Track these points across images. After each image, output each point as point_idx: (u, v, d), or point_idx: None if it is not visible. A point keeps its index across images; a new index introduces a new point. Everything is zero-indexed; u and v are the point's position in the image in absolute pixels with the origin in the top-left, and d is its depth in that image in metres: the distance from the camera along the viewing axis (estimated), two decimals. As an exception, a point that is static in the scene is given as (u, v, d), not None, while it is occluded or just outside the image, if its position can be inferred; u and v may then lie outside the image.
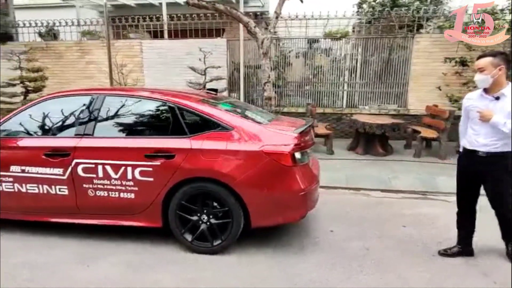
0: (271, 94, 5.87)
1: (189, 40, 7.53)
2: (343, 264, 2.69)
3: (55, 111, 3.08)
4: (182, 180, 2.72)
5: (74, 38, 8.45)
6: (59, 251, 2.82)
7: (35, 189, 2.93)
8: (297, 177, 2.73)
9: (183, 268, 2.61)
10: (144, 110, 2.96)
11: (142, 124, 2.97)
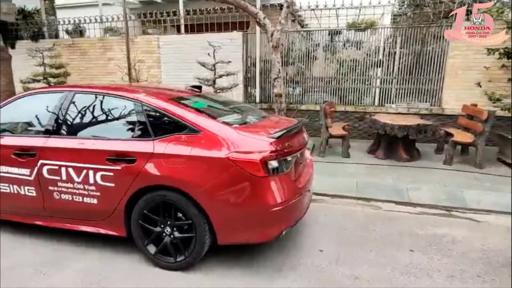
0: (281, 90, 5.44)
1: (205, 35, 7.31)
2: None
3: (29, 109, 3.00)
4: (143, 188, 2.46)
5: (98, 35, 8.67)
6: (20, 253, 2.73)
7: (7, 189, 2.87)
8: (271, 189, 2.34)
9: (140, 283, 2.37)
10: (110, 109, 2.73)
11: (106, 124, 2.75)
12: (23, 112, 3.02)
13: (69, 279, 2.40)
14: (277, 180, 2.39)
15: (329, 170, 4.91)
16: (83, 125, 2.76)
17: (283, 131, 2.45)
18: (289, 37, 7.08)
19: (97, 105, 2.76)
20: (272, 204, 2.33)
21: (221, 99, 3.55)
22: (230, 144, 2.36)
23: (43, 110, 2.88)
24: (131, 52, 7.61)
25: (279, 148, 2.39)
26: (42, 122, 2.84)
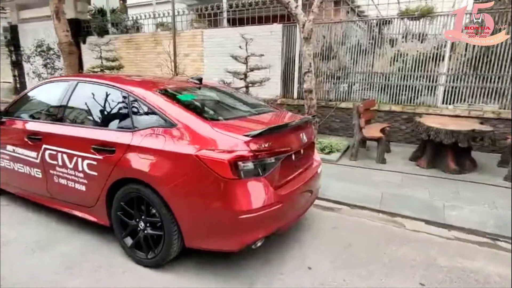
0: (312, 86, 5.03)
1: (245, 28, 7.17)
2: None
3: (44, 96, 3.22)
4: (120, 179, 2.43)
5: (152, 30, 9.19)
6: (22, 228, 2.95)
7: (21, 169, 3.13)
8: (241, 194, 2.10)
9: (107, 273, 2.35)
10: (102, 98, 2.76)
11: (97, 112, 2.79)
12: (40, 98, 3.25)
13: (50, 260, 2.49)
14: (249, 184, 2.13)
15: (356, 176, 4.38)
16: (77, 113, 2.86)
17: (261, 130, 2.17)
18: (332, 28, 6.52)
19: (92, 94, 2.82)
20: (241, 211, 2.08)
21: (226, 92, 3.36)
22: (203, 140, 2.18)
23: (52, 98, 3.06)
24: (178, 46, 7.90)
25: (255, 148, 2.13)
26: (48, 109, 3.02)
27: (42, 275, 2.32)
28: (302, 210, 2.70)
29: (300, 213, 2.66)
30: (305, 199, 2.75)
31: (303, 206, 2.70)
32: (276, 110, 3.26)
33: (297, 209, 2.59)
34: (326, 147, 5.11)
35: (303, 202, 2.70)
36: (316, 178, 2.94)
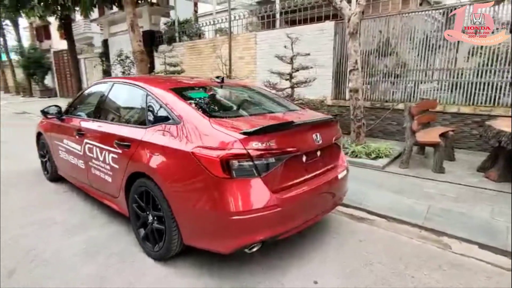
0: (357, 85, 4.63)
1: (296, 28, 7.01)
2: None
3: (90, 96, 3.61)
4: (134, 173, 2.57)
5: (212, 36, 9.67)
6: (69, 214, 3.32)
7: (73, 160, 3.56)
8: (232, 194, 2.01)
9: (122, 262, 2.49)
10: (127, 97, 2.96)
11: (122, 110, 2.99)
12: (88, 98, 3.67)
13: (77, 244, 2.76)
14: (242, 185, 2.03)
15: (402, 186, 3.86)
16: (108, 110, 3.13)
17: (256, 128, 2.05)
18: (390, 22, 5.90)
19: (121, 93, 3.06)
20: (232, 212, 2.00)
21: (247, 90, 3.30)
22: (200, 137, 2.16)
23: (94, 97, 3.43)
24: (233, 49, 8.15)
25: (251, 147, 2.02)
26: (90, 108, 3.38)
27: (65, 255, 2.58)
28: (312, 216, 2.47)
29: (309, 219, 2.44)
30: (318, 205, 2.51)
31: (313, 213, 2.47)
32: (299, 109, 3.07)
33: (304, 215, 2.37)
34: (372, 152, 4.63)
35: (314, 209, 2.47)
36: (336, 184, 2.66)
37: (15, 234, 2.91)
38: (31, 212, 3.38)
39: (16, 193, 3.91)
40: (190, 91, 2.72)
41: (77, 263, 2.47)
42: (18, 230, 2.99)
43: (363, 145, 4.79)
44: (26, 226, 3.06)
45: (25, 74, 19.57)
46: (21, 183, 4.30)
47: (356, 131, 4.87)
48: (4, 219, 3.20)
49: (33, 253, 2.61)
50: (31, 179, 4.46)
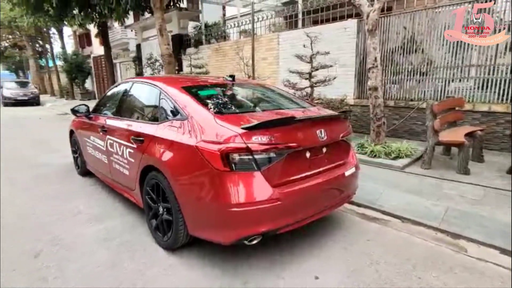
0: (377, 83, 4.51)
1: (319, 27, 6.96)
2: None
3: (114, 95, 3.85)
4: (146, 166, 2.72)
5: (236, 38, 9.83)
6: (93, 205, 3.57)
7: (97, 155, 3.83)
8: (231, 186, 2.08)
9: (133, 250, 2.64)
10: (144, 95, 3.13)
11: (139, 107, 3.17)
12: (111, 97, 3.91)
13: (95, 232, 2.96)
14: (241, 178, 2.09)
15: (421, 187, 3.71)
16: (127, 108, 3.33)
17: (256, 123, 2.10)
18: (415, 18, 5.67)
19: (138, 92, 3.25)
20: (229, 204, 2.06)
21: (257, 88, 3.36)
22: (204, 132, 2.26)
23: (117, 96, 3.66)
24: (256, 50, 8.25)
25: (251, 141, 2.08)
26: (113, 106, 3.61)
27: (84, 241, 2.79)
28: (316, 212, 2.46)
29: (312, 215, 2.44)
30: (322, 201, 2.51)
31: (316, 209, 2.46)
32: (309, 106, 3.07)
33: (306, 211, 2.38)
34: (392, 152, 4.48)
35: (318, 204, 2.47)
36: (343, 181, 2.64)
37: (44, 221, 3.18)
38: (60, 202, 3.67)
39: (50, 185, 4.27)
40: (200, 89, 2.83)
41: (94, 249, 2.66)
42: (47, 217, 3.27)
43: (383, 145, 4.65)
44: (54, 214, 3.34)
45: (68, 78, 21.09)
46: (55, 176, 4.68)
47: (376, 131, 4.74)
48: (36, 208, 3.51)
49: (58, 238, 2.85)
50: (65, 173, 4.84)
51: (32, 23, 13.69)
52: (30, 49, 28.08)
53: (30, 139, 7.79)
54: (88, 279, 2.26)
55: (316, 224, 3.00)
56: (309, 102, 3.34)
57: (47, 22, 13.27)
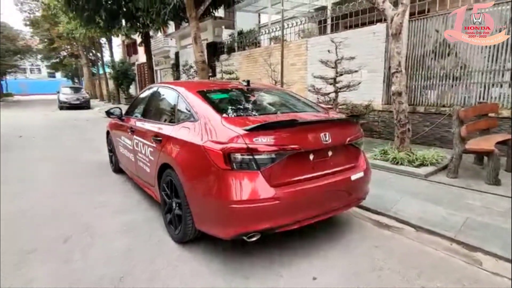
0: (400, 88, 4.40)
1: (347, 32, 6.90)
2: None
3: (142, 98, 4.17)
4: (163, 164, 2.94)
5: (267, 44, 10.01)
6: (121, 198, 3.89)
7: (127, 155, 4.16)
8: (232, 184, 2.20)
9: (147, 240, 2.86)
10: (165, 98, 3.38)
11: (160, 109, 3.41)
12: (140, 100, 4.23)
13: (118, 223, 3.23)
14: (241, 176, 2.21)
15: (442, 196, 3.55)
16: (152, 110, 3.61)
17: (256, 125, 2.22)
18: (447, 20, 5.40)
19: (161, 95, 3.52)
20: (231, 201, 2.19)
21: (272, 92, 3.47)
22: (211, 133, 2.41)
23: (144, 99, 3.97)
24: (286, 56, 8.36)
25: (252, 142, 2.19)
26: (140, 108, 3.93)
27: (108, 230, 3.07)
28: (317, 214, 2.50)
29: (313, 216, 2.47)
30: (325, 203, 2.53)
31: (318, 210, 2.50)
32: (321, 110, 3.12)
33: (307, 212, 2.42)
34: (416, 159, 4.32)
35: (320, 206, 2.50)
36: (349, 185, 2.64)
37: (76, 211, 3.55)
38: (92, 195, 4.05)
39: (86, 180, 4.71)
40: (213, 93, 3.01)
41: (115, 237, 2.93)
42: (79, 208, 3.64)
43: (407, 152, 4.49)
44: (86, 206, 3.70)
45: (115, 84, 22.78)
46: (93, 172, 5.14)
47: (400, 137, 4.59)
48: (71, 199, 3.92)
49: (86, 226, 3.17)
50: (101, 170, 5.29)
51: (85, 34, 15.10)
52: (84, 58, 30.78)
53: (77, 138, 8.60)
54: (104, 263, 2.50)
55: (324, 226, 3.03)
56: (323, 107, 3.37)
57: (97, 33, 14.54)
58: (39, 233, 3.02)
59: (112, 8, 11.94)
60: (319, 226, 3.03)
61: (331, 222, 3.18)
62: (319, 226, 3.03)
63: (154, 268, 2.43)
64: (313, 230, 2.94)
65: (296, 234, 2.85)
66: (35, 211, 3.56)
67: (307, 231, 2.90)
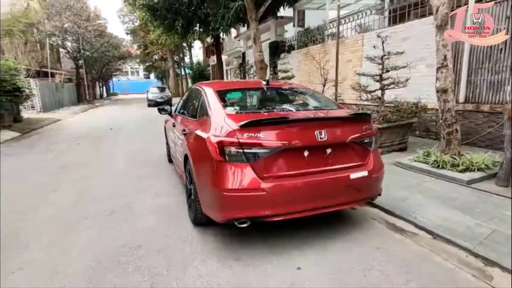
0: (446, 84, 4.01)
1: (402, 25, 6.40)
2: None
3: (186, 97, 4.68)
4: (185, 154, 3.35)
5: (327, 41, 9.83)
6: (163, 185, 4.49)
7: (174, 146, 4.74)
8: (223, 174, 2.46)
9: (172, 220, 3.33)
10: (195, 97, 3.78)
11: (191, 107, 3.82)
12: (185, 99, 4.77)
13: (154, 204, 3.79)
14: (232, 167, 2.44)
15: (475, 205, 3.21)
16: (186, 107, 4.08)
17: (248, 121, 2.42)
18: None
19: (193, 94, 3.95)
20: (223, 188, 2.45)
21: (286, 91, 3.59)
22: (215, 127, 2.71)
23: (185, 98, 4.49)
24: (342, 53, 8.16)
25: (243, 137, 2.41)
26: (182, 106, 4.45)
27: (143, 210, 3.64)
28: (311, 208, 2.58)
29: (305, 210, 2.56)
30: (318, 199, 2.58)
31: (312, 205, 2.57)
32: (336, 108, 3.14)
33: (298, 205, 2.52)
34: (461, 164, 3.88)
35: (313, 201, 2.57)
36: (347, 183, 2.64)
37: (127, 193, 4.25)
38: (144, 180, 4.76)
39: (145, 168, 5.51)
40: (230, 92, 3.30)
41: (146, 216, 3.47)
42: (130, 190, 4.35)
43: (452, 155, 4.06)
44: (135, 188, 4.40)
45: (192, 84, 25.05)
46: (153, 162, 5.95)
47: (446, 138, 4.16)
48: (126, 182, 4.69)
49: (129, 204, 3.81)
50: (159, 160, 6.08)
51: (166, 40, 17.01)
52: (170, 61, 34.49)
53: (151, 132, 9.88)
54: (130, 235, 3.03)
55: (334, 222, 3.12)
56: (338, 104, 3.35)
57: (176, 39, 16.24)
58: (94, 206, 3.76)
59: (187, 15, 13.24)
60: (328, 221, 3.11)
61: (342, 219, 3.20)
62: (328, 221, 3.11)
63: (165, 243, 2.85)
64: (320, 224, 3.02)
65: (302, 226, 2.97)
66: (97, 190, 4.40)
67: (313, 225, 3.00)
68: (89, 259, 2.60)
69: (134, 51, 42.42)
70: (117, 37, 39.79)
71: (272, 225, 2.83)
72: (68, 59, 26.70)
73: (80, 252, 2.73)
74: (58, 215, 3.54)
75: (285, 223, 2.82)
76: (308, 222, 3.03)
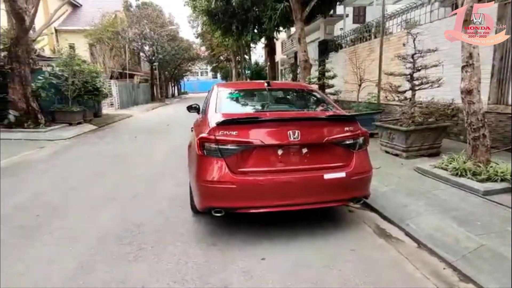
0: (472, 85, 3.67)
1: (450, 19, 5.83)
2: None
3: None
4: (191, 149, 3.75)
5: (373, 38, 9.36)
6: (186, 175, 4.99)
7: (195, 141, 5.23)
8: (202, 167, 2.75)
9: (177, 208, 3.75)
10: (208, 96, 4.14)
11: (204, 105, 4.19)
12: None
13: (170, 192, 4.27)
14: (209, 161, 2.71)
15: (479, 217, 2.96)
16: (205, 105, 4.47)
17: (223, 119, 2.68)
18: None
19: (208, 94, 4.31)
20: (201, 179, 2.75)
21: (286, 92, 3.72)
22: (203, 125, 3.03)
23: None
24: (386, 51, 7.78)
25: (219, 134, 2.68)
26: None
27: (159, 196, 4.14)
28: (283, 204, 2.72)
29: (277, 205, 2.71)
30: (290, 195, 2.70)
31: (283, 201, 2.70)
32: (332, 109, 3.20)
33: (268, 200, 2.69)
34: (483, 172, 3.51)
35: (284, 198, 2.70)
36: (320, 183, 2.70)
37: (150, 178, 4.86)
38: (173, 172, 5.31)
39: (178, 161, 6.10)
40: (231, 93, 3.58)
41: (161, 201, 3.95)
42: (159, 179, 4.93)
43: (476, 162, 3.67)
44: (163, 178, 4.98)
45: (251, 83, 25.89)
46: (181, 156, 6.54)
47: (471, 144, 3.78)
48: (158, 173, 5.31)
49: (151, 189, 4.38)
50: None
51: (228, 41, 17.93)
52: (233, 61, 36.03)
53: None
54: (141, 216, 3.52)
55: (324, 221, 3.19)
56: (336, 106, 3.35)
57: (231, 40, 17.04)
58: (125, 190, 4.40)
59: (242, 18, 13.83)
60: (322, 220, 3.21)
61: (335, 220, 3.27)
62: (322, 220, 3.21)
63: (163, 224, 3.28)
64: (312, 222, 3.15)
65: (290, 221, 3.13)
66: (132, 177, 5.08)
67: (301, 221, 3.15)
68: (101, 231, 3.16)
69: (203, 53, 45.39)
70: (188, 41, 43.11)
71: (262, 218, 3.06)
72: (145, 62, 29.94)
73: (98, 226, 3.31)
74: (96, 195, 4.24)
75: (275, 217, 3.01)
76: (297, 218, 3.16)
